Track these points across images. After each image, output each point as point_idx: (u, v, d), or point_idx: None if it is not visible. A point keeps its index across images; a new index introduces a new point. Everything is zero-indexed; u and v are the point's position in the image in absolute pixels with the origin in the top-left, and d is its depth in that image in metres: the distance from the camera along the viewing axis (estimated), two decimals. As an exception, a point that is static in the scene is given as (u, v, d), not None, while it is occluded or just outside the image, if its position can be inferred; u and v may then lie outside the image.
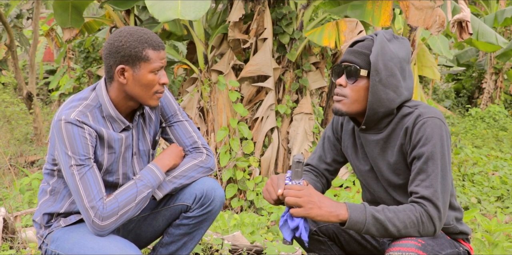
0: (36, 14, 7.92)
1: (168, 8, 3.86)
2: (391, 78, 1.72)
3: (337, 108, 1.79)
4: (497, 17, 8.13)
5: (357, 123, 1.87)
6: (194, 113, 5.34)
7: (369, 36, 1.81)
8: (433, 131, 1.67)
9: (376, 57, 1.71)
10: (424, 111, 1.71)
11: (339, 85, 1.79)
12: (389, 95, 1.73)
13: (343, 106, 1.78)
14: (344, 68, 1.78)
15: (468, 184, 5.86)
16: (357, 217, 1.60)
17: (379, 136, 1.80)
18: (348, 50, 1.81)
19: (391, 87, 1.73)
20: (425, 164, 1.66)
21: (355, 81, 1.76)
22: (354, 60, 1.76)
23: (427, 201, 1.63)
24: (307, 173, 2.01)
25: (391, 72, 1.72)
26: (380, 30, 1.82)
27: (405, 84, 1.76)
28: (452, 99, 12.61)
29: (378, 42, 1.73)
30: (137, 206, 1.81)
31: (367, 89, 1.75)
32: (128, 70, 1.79)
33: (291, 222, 1.63)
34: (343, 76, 1.78)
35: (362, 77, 1.75)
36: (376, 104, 1.73)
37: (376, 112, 1.75)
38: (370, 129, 1.82)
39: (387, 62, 1.72)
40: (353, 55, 1.77)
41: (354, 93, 1.76)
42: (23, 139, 8.05)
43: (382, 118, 1.78)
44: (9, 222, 2.83)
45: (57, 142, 1.78)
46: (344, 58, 1.80)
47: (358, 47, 1.79)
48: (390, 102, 1.74)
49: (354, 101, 1.77)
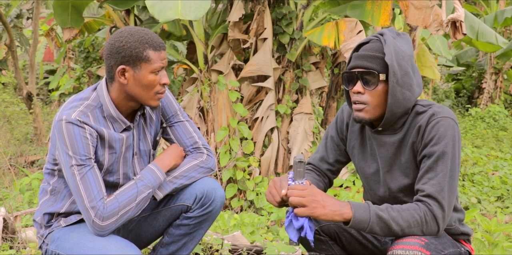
0: (36, 14, 7.92)
1: (168, 8, 3.87)
2: (406, 77, 1.70)
3: (360, 117, 1.74)
4: (497, 17, 8.14)
5: (371, 125, 1.84)
6: (194, 113, 5.34)
7: (373, 37, 1.76)
8: (446, 131, 1.66)
9: (391, 59, 1.68)
10: (438, 111, 1.70)
11: (356, 93, 1.74)
12: (406, 95, 1.71)
13: (366, 113, 1.74)
14: (360, 74, 1.73)
15: (468, 184, 5.86)
16: (361, 216, 1.59)
17: (395, 137, 1.78)
18: (357, 55, 1.75)
19: (406, 86, 1.70)
20: (435, 163, 1.65)
21: (375, 87, 1.71)
22: (370, 66, 1.71)
23: (432, 199, 1.62)
24: (309, 172, 2.00)
25: (405, 71, 1.70)
26: (384, 29, 1.78)
27: (416, 80, 1.74)
28: (452, 99, 12.61)
29: (389, 43, 1.70)
30: (138, 206, 1.80)
31: (386, 92, 1.72)
32: (129, 70, 1.79)
33: (295, 222, 1.62)
34: (359, 83, 1.73)
35: (380, 81, 1.71)
36: (395, 105, 1.71)
37: (394, 113, 1.72)
38: (386, 130, 1.79)
39: (401, 62, 1.69)
40: (366, 60, 1.72)
41: (375, 98, 1.72)
42: (23, 139, 8.05)
43: (398, 119, 1.76)
44: (9, 222, 2.83)
45: (58, 142, 1.78)
46: (355, 64, 1.74)
47: (367, 50, 1.74)
48: (406, 102, 1.72)
49: (375, 107, 1.73)
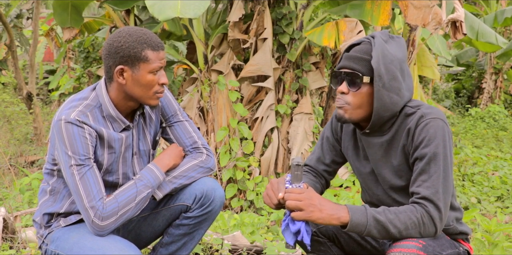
0: (36, 14, 7.92)
1: (168, 7, 3.88)
2: (393, 81, 1.69)
3: (340, 114, 1.75)
4: (497, 17, 8.13)
5: (359, 126, 1.84)
6: (194, 113, 5.34)
7: (365, 39, 1.76)
8: (436, 132, 1.65)
9: (377, 62, 1.67)
10: (426, 112, 1.69)
11: (340, 93, 1.74)
12: (393, 99, 1.70)
13: (346, 112, 1.74)
14: (345, 75, 1.73)
15: (468, 184, 5.86)
16: (359, 219, 1.59)
17: (383, 139, 1.78)
18: (346, 56, 1.75)
19: (394, 90, 1.70)
20: (427, 165, 1.65)
21: (358, 89, 1.72)
22: (355, 67, 1.71)
23: (428, 201, 1.62)
24: (306, 173, 2.00)
25: (393, 75, 1.69)
26: (376, 32, 1.78)
27: (405, 85, 1.74)
28: (452, 99, 12.61)
29: (378, 46, 1.69)
30: (137, 206, 1.80)
31: (370, 94, 1.71)
32: (127, 70, 1.79)
33: (292, 226, 1.61)
34: (344, 84, 1.74)
35: (364, 83, 1.71)
36: (381, 109, 1.70)
37: (381, 116, 1.72)
38: (373, 132, 1.79)
39: (388, 66, 1.68)
40: (353, 61, 1.72)
41: (357, 99, 1.73)
42: (23, 139, 8.04)
43: (386, 121, 1.76)
44: (9, 222, 2.83)
45: (57, 142, 1.78)
46: (343, 64, 1.75)
47: (356, 52, 1.74)
48: (394, 106, 1.71)
49: (357, 108, 1.73)
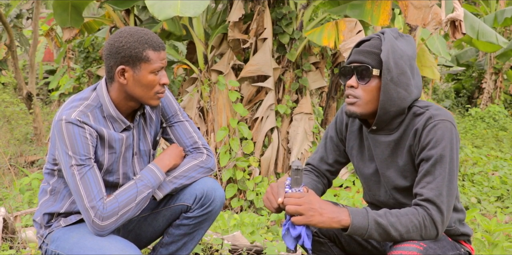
0: (36, 14, 7.92)
1: (168, 6, 3.89)
2: (402, 76, 1.69)
3: (352, 110, 1.74)
4: (497, 17, 8.14)
5: (367, 124, 1.83)
6: (194, 113, 5.34)
7: (375, 35, 1.76)
8: (444, 134, 1.64)
9: (387, 55, 1.67)
10: (435, 113, 1.68)
11: (350, 87, 1.74)
12: (401, 94, 1.69)
13: (358, 108, 1.73)
14: (354, 68, 1.73)
15: (468, 184, 5.87)
16: (360, 222, 1.57)
17: (390, 138, 1.77)
18: (356, 50, 1.76)
19: (402, 85, 1.69)
20: (433, 167, 1.63)
21: (368, 82, 1.71)
22: (365, 60, 1.71)
23: (431, 204, 1.60)
24: (308, 173, 1.99)
25: (401, 70, 1.69)
26: (386, 29, 1.78)
27: (414, 82, 1.73)
28: (452, 99, 12.61)
29: (388, 40, 1.70)
30: (137, 206, 1.80)
31: (379, 89, 1.71)
32: (128, 70, 1.79)
33: (293, 230, 1.60)
34: (354, 77, 1.74)
35: (374, 76, 1.71)
36: (388, 103, 1.70)
37: (387, 111, 1.71)
38: (381, 130, 1.78)
39: (398, 60, 1.68)
40: (363, 55, 1.72)
41: (367, 93, 1.72)
42: (23, 139, 8.04)
43: (393, 118, 1.74)
44: (9, 222, 2.83)
45: (57, 142, 1.78)
46: (352, 58, 1.75)
47: (366, 46, 1.74)
48: (401, 101, 1.70)
49: (368, 102, 1.73)
